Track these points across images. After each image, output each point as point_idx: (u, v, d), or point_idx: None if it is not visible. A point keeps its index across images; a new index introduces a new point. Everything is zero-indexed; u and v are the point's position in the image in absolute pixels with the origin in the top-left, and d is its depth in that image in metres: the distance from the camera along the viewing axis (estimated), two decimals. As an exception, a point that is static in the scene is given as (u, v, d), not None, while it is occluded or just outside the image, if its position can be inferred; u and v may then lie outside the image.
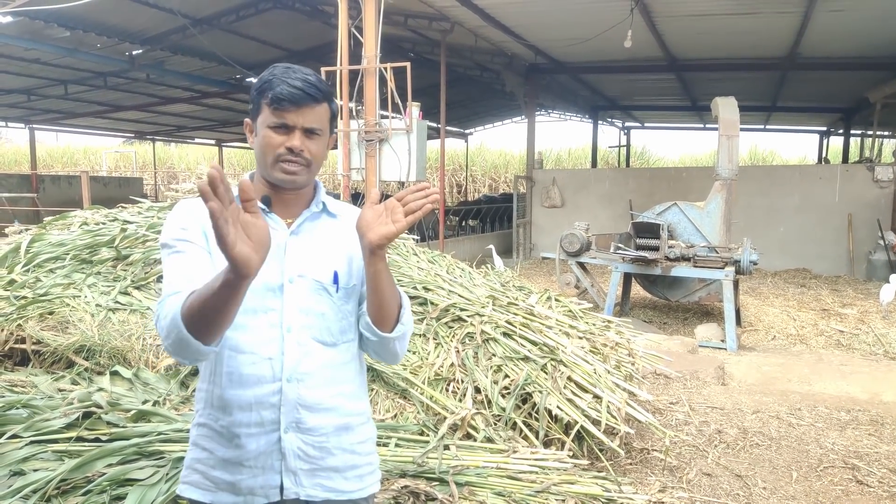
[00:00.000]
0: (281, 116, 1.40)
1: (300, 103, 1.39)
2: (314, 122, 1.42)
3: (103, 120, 18.22)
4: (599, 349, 3.79)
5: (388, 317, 1.45)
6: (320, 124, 1.43)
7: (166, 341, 1.28)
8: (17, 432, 2.56)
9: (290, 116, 1.40)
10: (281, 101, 1.38)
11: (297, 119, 1.40)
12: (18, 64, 11.82)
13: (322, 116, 1.44)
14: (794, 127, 22.21)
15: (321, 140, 1.45)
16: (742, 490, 3.36)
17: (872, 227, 11.81)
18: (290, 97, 1.38)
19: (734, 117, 7.61)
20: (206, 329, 1.23)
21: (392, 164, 7.21)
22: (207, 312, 1.20)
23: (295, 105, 1.39)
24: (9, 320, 3.56)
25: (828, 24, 9.71)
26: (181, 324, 1.23)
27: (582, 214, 12.66)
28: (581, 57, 12.73)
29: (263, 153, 1.43)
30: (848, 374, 5.55)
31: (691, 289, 7.84)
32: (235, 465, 1.43)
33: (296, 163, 1.41)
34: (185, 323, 1.23)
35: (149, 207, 4.84)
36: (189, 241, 1.40)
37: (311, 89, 1.40)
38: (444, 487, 2.47)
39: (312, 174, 1.47)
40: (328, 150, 1.51)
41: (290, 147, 1.40)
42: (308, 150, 1.42)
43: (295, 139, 1.40)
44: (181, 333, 1.23)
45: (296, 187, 1.46)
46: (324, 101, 1.43)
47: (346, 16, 7.16)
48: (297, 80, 1.40)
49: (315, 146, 1.44)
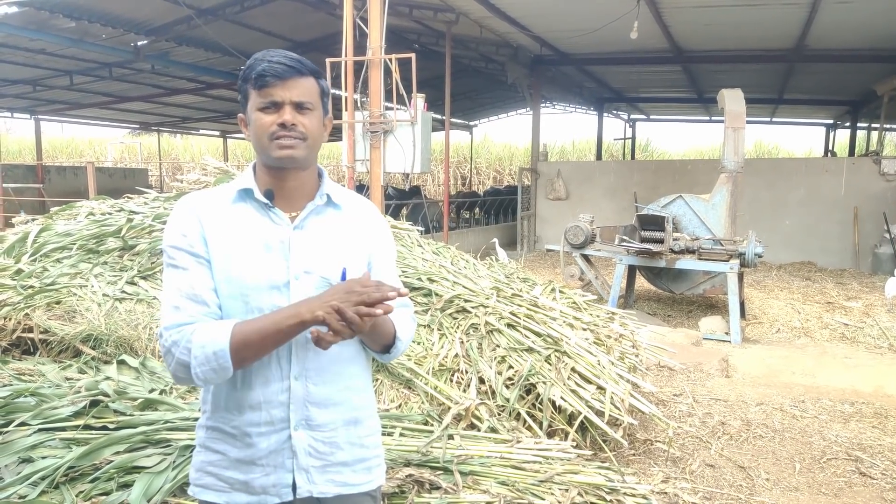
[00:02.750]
0: (268, 95, 1.38)
1: (284, 76, 1.38)
2: (302, 96, 1.40)
3: (108, 111, 18.22)
4: (603, 341, 3.80)
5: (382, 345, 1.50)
6: (310, 97, 1.41)
7: (199, 368, 1.32)
8: (26, 420, 2.59)
9: (276, 92, 1.38)
10: (264, 76, 1.37)
11: (284, 94, 1.38)
12: (24, 54, 11.82)
13: (310, 90, 1.42)
14: (801, 119, 22.07)
15: (313, 114, 1.42)
16: (745, 481, 3.37)
17: (878, 220, 11.75)
18: (273, 71, 1.37)
19: (740, 109, 7.57)
20: (251, 359, 1.36)
21: (397, 156, 7.20)
22: (266, 346, 1.35)
23: (279, 79, 1.38)
24: (16, 310, 3.59)
25: (835, 16, 9.64)
26: (228, 355, 1.31)
27: (586, 207, 12.62)
28: (587, 48, 12.67)
29: (258, 137, 1.41)
30: (852, 367, 5.55)
31: (696, 281, 7.84)
32: (248, 464, 1.44)
33: (290, 136, 1.39)
34: (234, 352, 1.32)
35: (154, 198, 4.86)
36: (189, 254, 1.40)
37: (292, 62, 1.39)
38: (448, 476, 2.49)
39: (311, 150, 1.44)
40: (326, 131, 1.49)
41: (283, 122, 1.38)
42: (301, 123, 1.40)
43: (286, 114, 1.38)
44: (225, 364, 1.32)
45: (297, 165, 1.44)
46: (309, 74, 1.42)
47: (350, 6, 7.14)
48: (277, 57, 1.39)
49: (308, 120, 1.41)
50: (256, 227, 1.43)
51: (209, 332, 1.32)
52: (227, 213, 1.44)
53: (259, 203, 1.45)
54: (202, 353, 1.31)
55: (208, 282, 1.39)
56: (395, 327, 1.47)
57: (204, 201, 1.46)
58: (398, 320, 1.49)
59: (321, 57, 8.19)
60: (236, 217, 1.44)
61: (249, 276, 1.39)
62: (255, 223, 1.44)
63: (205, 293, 1.38)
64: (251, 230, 1.43)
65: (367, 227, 1.54)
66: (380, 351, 1.51)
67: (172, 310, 1.37)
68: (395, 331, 1.47)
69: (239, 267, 1.39)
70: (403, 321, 1.52)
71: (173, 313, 1.37)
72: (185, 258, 1.40)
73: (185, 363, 1.32)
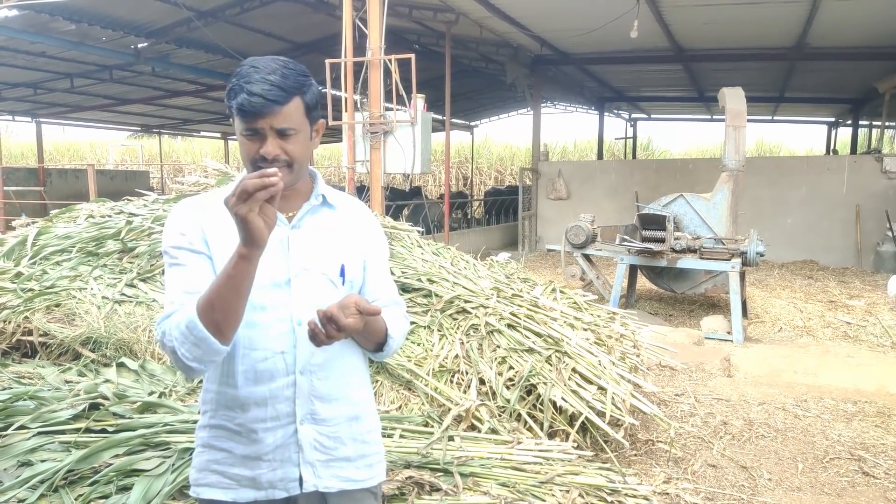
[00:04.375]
0: (249, 123, 1.35)
1: (263, 111, 1.33)
2: (283, 123, 1.36)
3: (109, 113, 18.24)
4: (604, 341, 3.79)
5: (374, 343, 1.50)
6: (292, 123, 1.37)
7: (182, 348, 1.31)
8: (25, 423, 2.59)
9: (257, 123, 1.35)
10: (243, 111, 1.34)
11: (264, 123, 1.35)
12: (24, 57, 11.83)
13: (292, 114, 1.37)
14: (802, 118, 22.02)
15: (297, 137, 1.39)
16: (747, 481, 3.36)
17: (881, 218, 11.72)
18: (251, 107, 1.33)
19: (741, 108, 7.55)
20: (223, 320, 1.29)
21: (397, 157, 7.19)
22: (224, 298, 1.27)
23: (258, 114, 1.34)
24: (16, 312, 3.59)
25: (836, 14, 9.62)
26: (198, 322, 1.28)
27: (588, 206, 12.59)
28: (587, 48, 12.65)
29: (245, 161, 1.41)
30: (855, 366, 5.53)
31: (697, 280, 7.82)
32: (255, 460, 1.45)
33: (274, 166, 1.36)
34: (203, 319, 1.28)
35: (154, 200, 4.86)
36: (189, 251, 1.41)
37: (271, 93, 1.33)
38: (448, 478, 2.48)
39: (297, 172, 1.42)
40: (316, 140, 1.48)
41: (264, 154, 1.36)
42: (284, 150, 1.37)
43: (268, 145, 1.35)
44: (200, 334, 1.28)
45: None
46: (291, 98, 1.36)
47: (350, 7, 7.14)
48: (257, 86, 1.33)
49: (291, 145, 1.38)
50: None
51: (183, 311, 1.33)
52: (225, 214, 1.43)
53: None
54: (179, 331, 1.31)
55: (208, 275, 1.39)
56: (387, 326, 1.48)
57: (201, 204, 1.48)
58: (390, 319, 1.50)
59: (321, 58, 8.19)
60: None
61: None
62: None
63: (203, 286, 1.37)
64: None
65: (361, 228, 1.57)
66: (372, 349, 1.53)
67: (168, 305, 1.39)
68: (387, 329, 1.48)
69: None
70: (395, 320, 1.53)
71: (168, 308, 1.38)
72: (185, 255, 1.41)
73: (172, 349, 1.33)
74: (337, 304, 1.29)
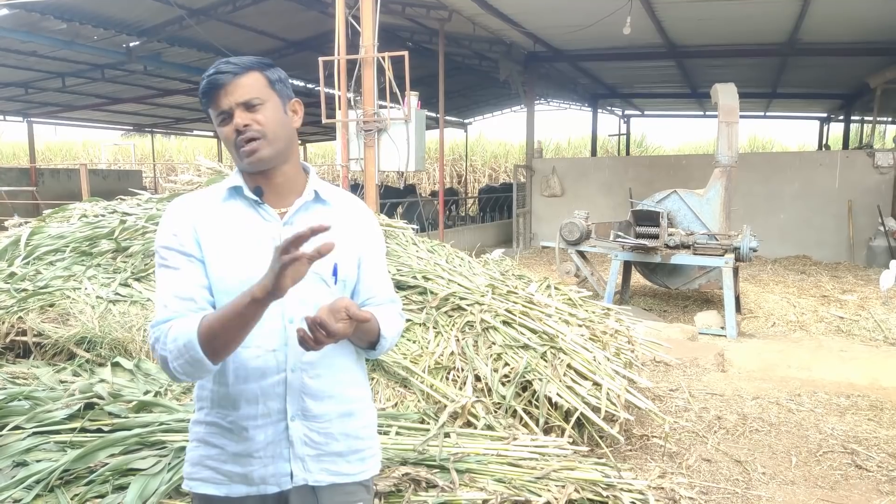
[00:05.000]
0: (217, 107, 1.41)
1: (222, 83, 1.39)
2: (247, 94, 1.40)
3: (101, 113, 18.16)
4: (599, 337, 3.80)
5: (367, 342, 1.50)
6: (255, 93, 1.40)
7: (175, 362, 1.33)
8: (20, 424, 2.58)
9: (221, 101, 1.40)
10: (205, 93, 1.41)
11: (228, 100, 1.39)
12: (15, 57, 11.76)
13: (253, 85, 1.41)
14: (795, 113, 22.11)
15: (266, 107, 1.41)
16: (741, 475, 3.38)
17: (873, 213, 11.78)
18: (209, 84, 1.40)
19: (734, 104, 7.58)
20: (222, 349, 1.32)
21: (391, 154, 7.19)
22: (230, 331, 1.29)
23: (218, 88, 1.39)
24: (10, 313, 3.57)
25: (828, 9, 9.65)
26: (197, 346, 1.30)
27: (582, 203, 12.62)
28: (580, 44, 12.66)
29: (227, 149, 1.46)
30: (848, 360, 5.57)
31: (691, 276, 7.84)
32: (246, 457, 1.46)
33: (249, 138, 1.40)
34: (203, 344, 1.30)
35: (148, 199, 4.84)
36: (180, 253, 1.42)
37: (225, 66, 1.40)
38: (444, 474, 2.49)
39: (276, 145, 1.43)
40: (297, 116, 1.50)
41: (236, 127, 1.39)
42: (255, 121, 1.40)
43: (237, 118, 1.39)
44: (196, 356, 1.30)
45: (270, 164, 1.44)
46: (247, 71, 1.41)
47: (343, 5, 7.12)
48: (214, 68, 1.41)
49: (261, 115, 1.40)
50: (247, 224, 1.45)
51: (182, 326, 1.34)
52: (218, 212, 1.46)
53: (249, 200, 1.47)
54: (174, 346, 1.32)
55: (199, 279, 1.40)
56: (380, 326, 1.48)
57: (195, 202, 1.48)
58: (383, 318, 1.50)
59: (314, 56, 8.18)
60: (227, 215, 1.46)
61: (242, 272, 1.40)
62: (246, 220, 1.46)
63: (194, 290, 1.39)
64: (242, 227, 1.45)
65: (356, 225, 1.55)
66: (365, 347, 1.53)
67: (161, 308, 1.40)
68: (380, 328, 1.48)
69: (231, 263, 1.42)
70: (389, 318, 1.53)
71: (161, 312, 1.39)
72: (176, 258, 1.42)
73: (164, 358, 1.34)
74: (327, 308, 1.28)
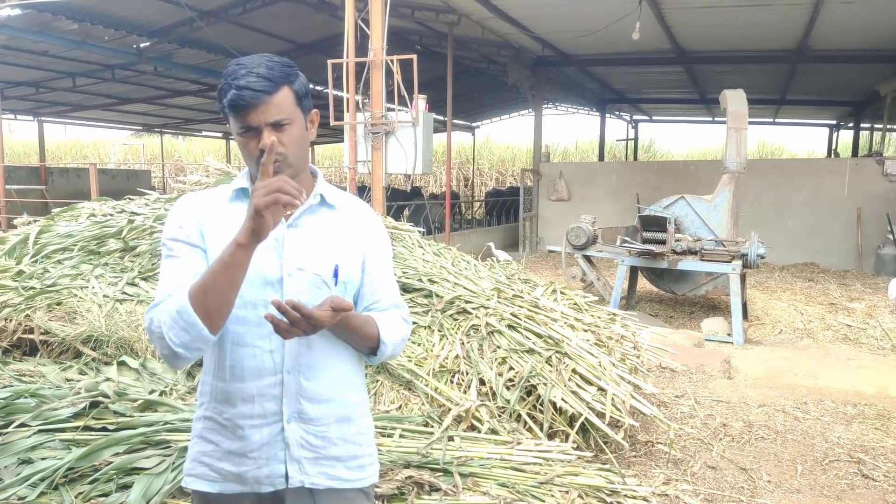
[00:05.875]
0: (243, 121, 1.37)
1: (252, 103, 1.35)
2: (276, 115, 1.37)
3: (111, 112, 18.28)
4: (604, 342, 3.79)
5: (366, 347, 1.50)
6: (284, 114, 1.38)
7: (170, 332, 1.31)
8: (26, 421, 2.59)
9: (249, 118, 1.36)
10: (234, 107, 1.36)
11: (258, 118, 1.36)
12: (27, 56, 11.86)
13: (283, 104, 1.38)
14: (804, 120, 22.02)
15: (292, 128, 1.40)
16: (747, 483, 3.36)
17: (882, 221, 11.71)
18: (241, 100, 1.35)
19: (743, 110, 7.55)
20: (215, 310, 1.30)
21: (398, 157, 7.20)
22: (219, 286, 1.29)
23: (249, 107, 1.35)
24: (17, 311, 3.59)
25: (838, 17, 9.62)
26: (190, 309, 1.28)
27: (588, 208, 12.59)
28: (589, 49, 12.66)
29: (245, 159, 1.44)
30: (855, 369, 5.53)
31: (698, 282, 7.82)
32: (240, 456, 1.45)
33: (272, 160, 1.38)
34: (195, 304, 1.29)
35: (156, 199, 4.86)
36: (185, 243, 1.43)
37: (258, 84, 1.34)
38: (448, 478, 2.48)
39: (295, 164, 1.42)
40: (312, 131, 1.49)
41: (262, 147, 1.35)
42: (281, 143, 1.37)
43: (265, 137, 1.35)
44: (190, 319, 1.29)
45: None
46: (279, 87, 1.37)
47: (352, 8, 7.14)
48: (243, 80, 1.35)
49: (287, 137, 1.39)
50: None
51: (174, 298, 1.34)
52: (224, 211, 1.47)
53: None
54: (168, 315, 1.32)
55: (202, 268, 1.39)
56: (379, 331, 1.47)
57: (202, 200, 1.50)
58: (384, 324, 1.49)
59: (323, 58, 8.20)
60: (232, 215, 1.45)
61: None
62: None
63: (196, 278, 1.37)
64: None
65: (361, 227, 1.55)
66: (366, 353, 1.52)
67: (160, 294, 1.39)
68: (379, 333, 1.47)
69: None
70: (391, 323, 1.52)
71: (159, 297, 1.39)
72: (181, 247, 1.43)
73: (160, 334, 1.32)
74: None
